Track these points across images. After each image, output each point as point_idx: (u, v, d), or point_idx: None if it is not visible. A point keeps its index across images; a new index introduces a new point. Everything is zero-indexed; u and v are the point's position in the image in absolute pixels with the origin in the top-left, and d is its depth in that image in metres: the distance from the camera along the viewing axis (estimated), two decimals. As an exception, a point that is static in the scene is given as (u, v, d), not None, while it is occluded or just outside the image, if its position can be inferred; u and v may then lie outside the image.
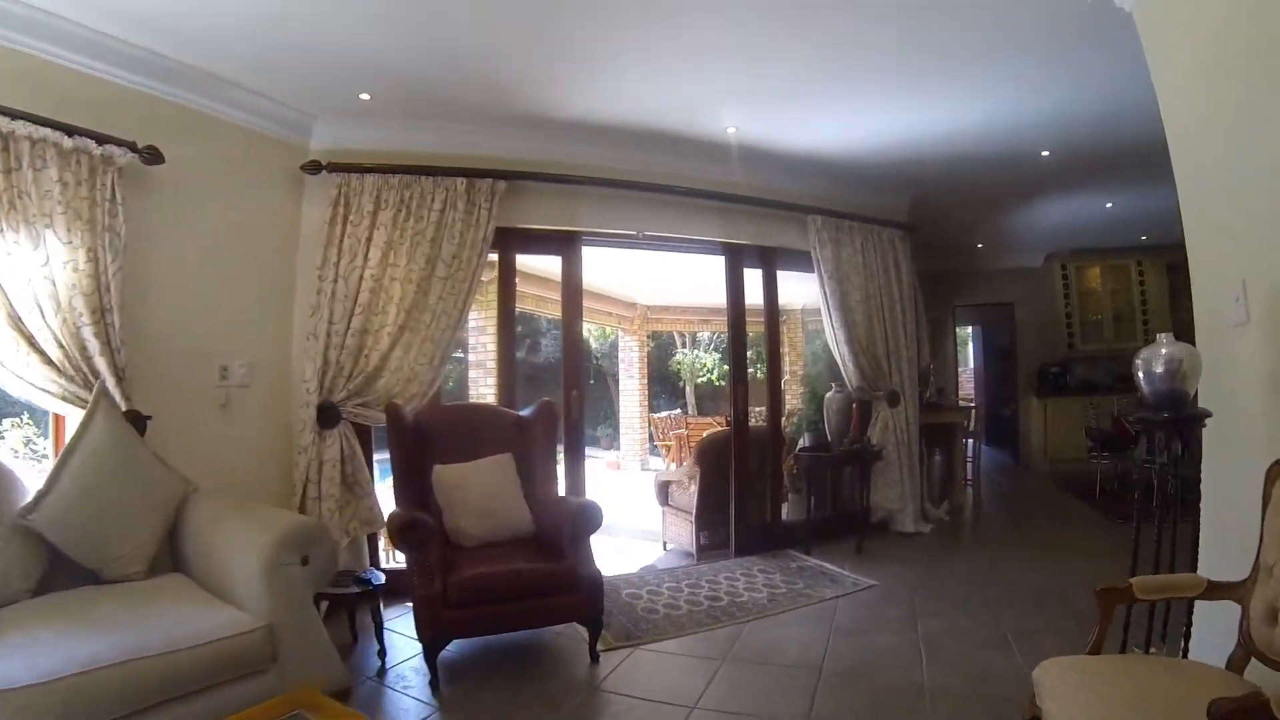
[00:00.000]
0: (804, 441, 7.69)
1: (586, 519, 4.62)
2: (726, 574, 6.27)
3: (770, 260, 7.32)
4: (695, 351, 17.84)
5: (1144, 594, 2.72)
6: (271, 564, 3.30)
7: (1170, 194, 3.97)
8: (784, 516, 7.59)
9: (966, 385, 16.59)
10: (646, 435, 15.00)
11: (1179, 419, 3.29)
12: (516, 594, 4.27)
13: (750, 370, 7.58)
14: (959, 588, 5.84)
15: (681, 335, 17.77)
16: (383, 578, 4.75)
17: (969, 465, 9.65)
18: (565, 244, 6.39)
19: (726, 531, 6.99)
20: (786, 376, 13.43)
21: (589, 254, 6.64)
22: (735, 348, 7.41)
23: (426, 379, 5.48)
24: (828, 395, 7.44)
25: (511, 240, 6.05)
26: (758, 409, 7.86)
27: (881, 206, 7.87)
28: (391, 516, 4.48)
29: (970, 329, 16.45)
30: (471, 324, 8.09)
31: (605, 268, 10.74)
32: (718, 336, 16.69)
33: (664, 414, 15.43)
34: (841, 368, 7.43)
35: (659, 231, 6.69)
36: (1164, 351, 3.24)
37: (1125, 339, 11.80)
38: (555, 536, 4.62)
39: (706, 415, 15.51)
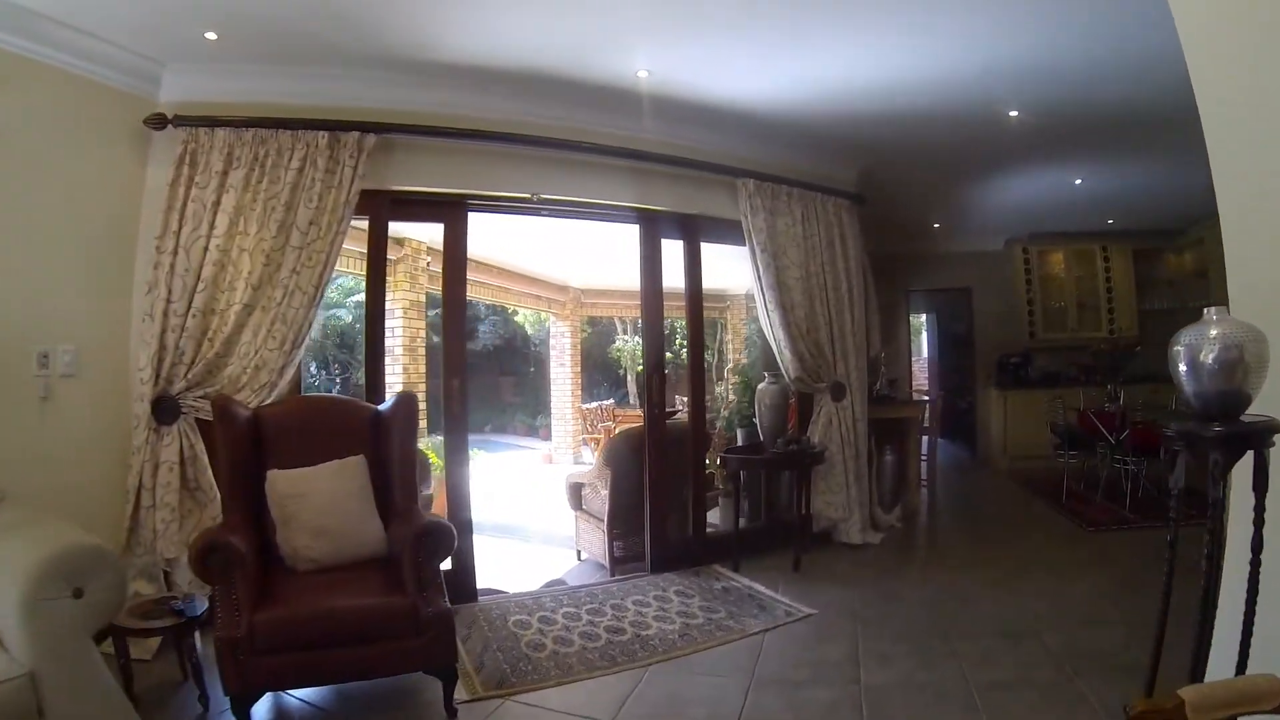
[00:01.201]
0: (740, 440, 6.72)
1: (432, 544, 3.72)
2: (637, 596, 5.41)
3: (693, 230, 6.38)
4: (636, 338, 16.79)
5: (1202, 714, 1.70)
6: (32, 598, 2.65)
7: (1148, 169, 3.09)
8: (711, 526, 6.83)
9: (920, 376, 15.99)
10: (580, 427, 14.20)
11: (1236, 433, 2.16)
12: (338, 639, 3.43)
13: (708, 357, 6.57)
14: (912, 618, 4.94)
15: (622, 321, 16.83)
16: (204, 605, 3.79)
17: (924, 464, 8.71)
18: (448, 210, 5.50)
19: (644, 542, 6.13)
20: (730, 364, 12.67)
21: (480, 223, 5.83)
22: (650, 332, 6.48)
23: (277, 366, 4.65)
24: (760, 387, 6.53)
25: (382, 204, 5.20)
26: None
27: (827, 174, 7.04)
28: (195, 538, 3.69)
29: (925, 316, 15.79)
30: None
31: (532, 247, 10.01)
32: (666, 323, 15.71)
33: (593, 405, 14.43)
34: (777, 355, 6.51)
35: (559, 195, 5.80)
36: (1216, 333, 2.13)
37: (1089, 328, 11.31)
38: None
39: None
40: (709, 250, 6.51)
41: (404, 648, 3.51)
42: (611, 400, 15.03)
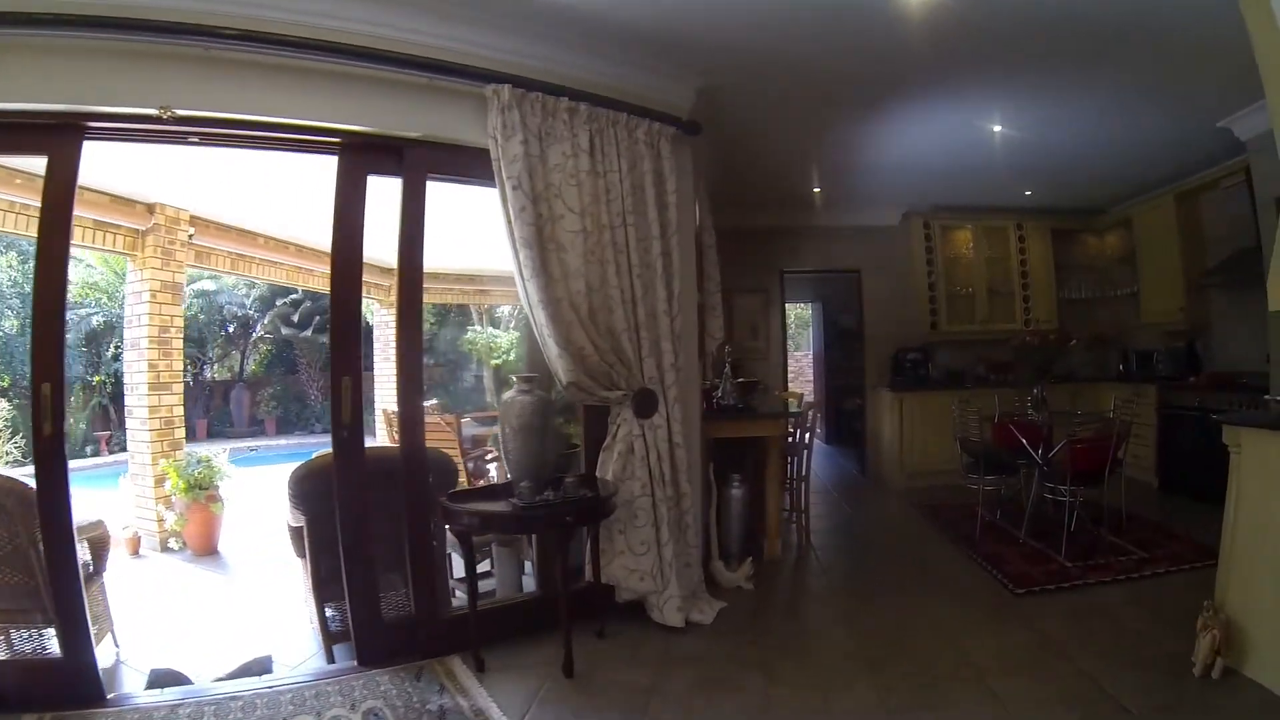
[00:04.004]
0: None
1: None
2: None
3: (417, 164, 4.31)
4: (491, 329, 14.83)
5: None
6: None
7: (1082, 113, 3.50)
8: (486, 591, 4.95)
9: (806, 376, 14.71)
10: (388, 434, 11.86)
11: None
12: None
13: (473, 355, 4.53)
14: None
15: (478, 309, 14.72)
16: None
17: (801, 488, 6.62)
18: (53, 136, 3.70)
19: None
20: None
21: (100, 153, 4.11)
22: (342, 313, 4.24)
23: None
24: (506, 398, 4.37)
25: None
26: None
27: (640, 90, 4.92)
28: None
29: (812, 306, 14.22)
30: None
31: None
32: (519, 312, 13.86)
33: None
34: (542, 349, 4.38)
35: (206, 110, 3.82)
36: None
37: (1002, 319, 9.67)
38: None
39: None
40: (461, 200, 4.83)
41: None
42: (435, 400, 12.69)
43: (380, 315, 12.00)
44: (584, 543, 4.63)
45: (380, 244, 4.75)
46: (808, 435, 6.46)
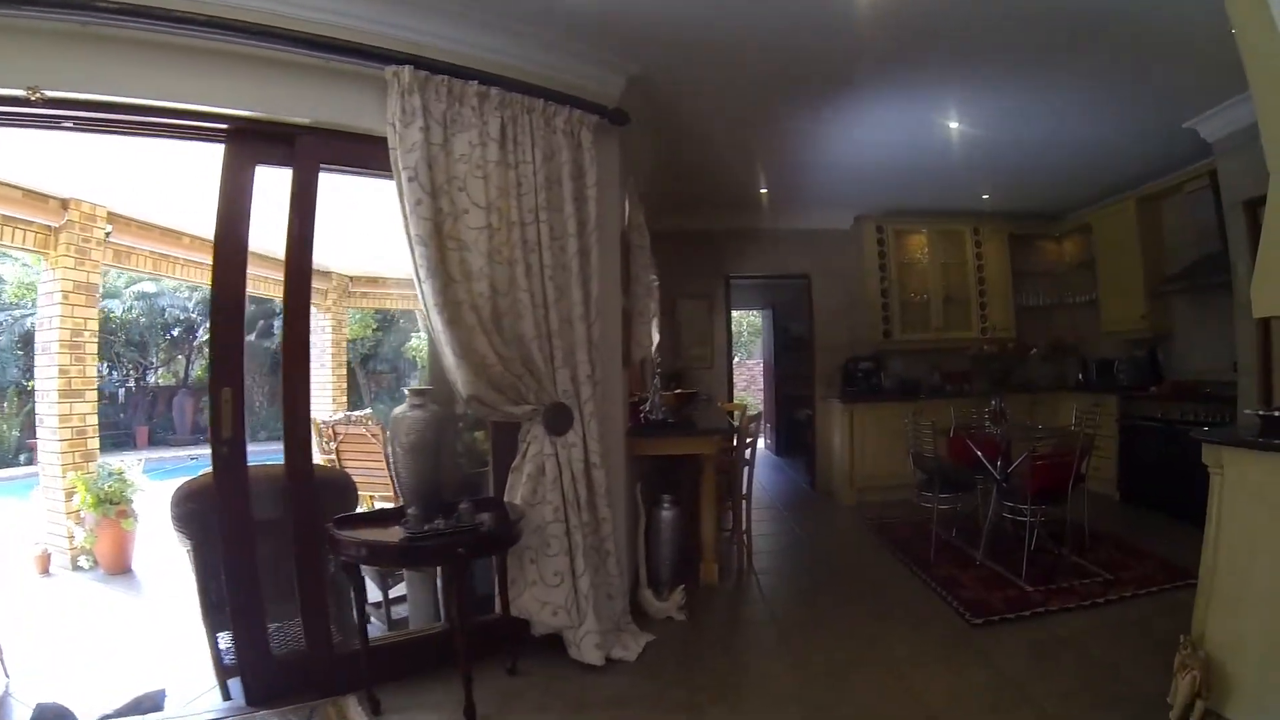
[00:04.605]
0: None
1: None
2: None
3: (309, 152, 3.82)
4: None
5: None
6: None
7: (1048, 109, 3.24)
8: (400, 618, 4.61)
9: (760, 385, 14.34)
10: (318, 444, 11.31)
11: None
12: None
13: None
14: None
15: (423, 315, 14.08)
16: None
17: (742, 506, 6.09)
18: None
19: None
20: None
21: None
22: (222, 316, 3.71)
23: None
24: (395, 414, 3.89)
25: None
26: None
27: (563, 74, 4.46)
28: None
29: (762, 313, 13.86)
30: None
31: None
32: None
33: (336, 417, 11.50)
34: (442, 357, 3.85)
35: (80, 91, 3.37)
36: None
37: (957, 327, 9.23)
38: None
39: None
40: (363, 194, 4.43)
41: None
42: (368, 411, 12.13)
43: (317, 321, 11.45)
44: (494, 570, 4.12)
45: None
46: (749, 451, 5.96)
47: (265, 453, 4.12)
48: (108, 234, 6.77)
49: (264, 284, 9.66)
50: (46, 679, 4.07)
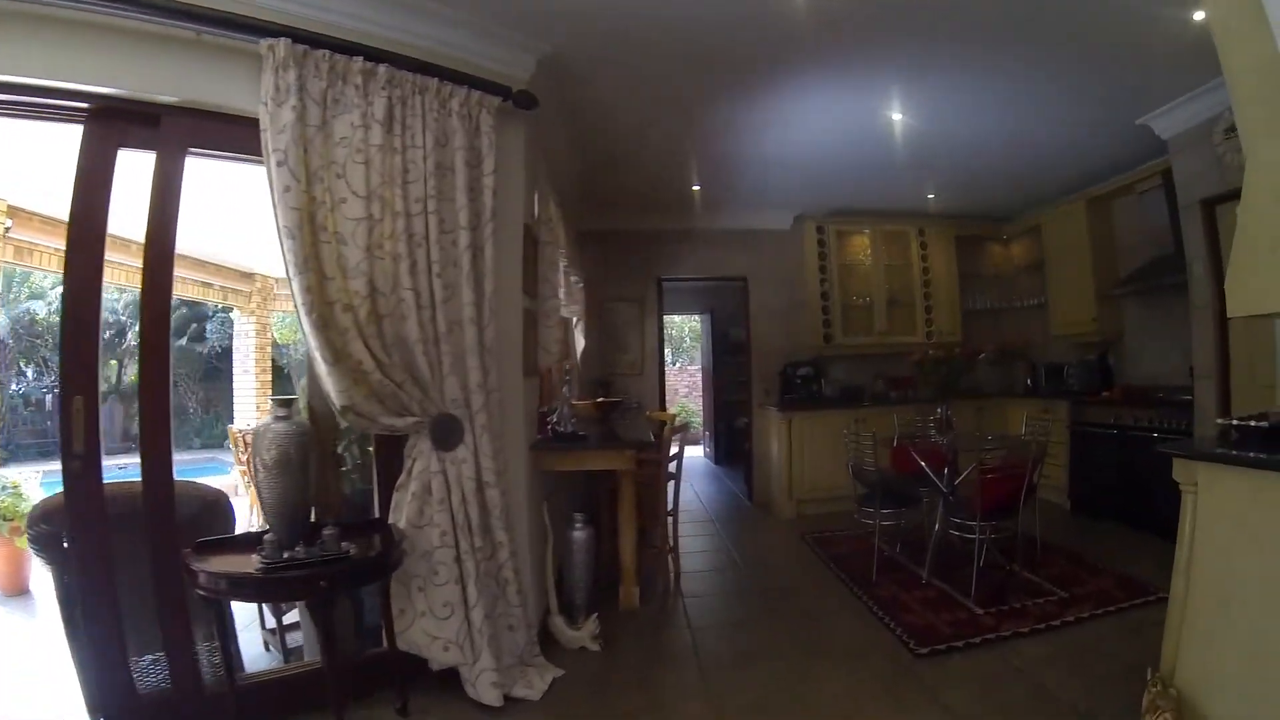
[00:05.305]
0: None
1: None
2: None
3: (175, 134, 3.38)
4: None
5: None
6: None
7: (999, 98, 4.01)
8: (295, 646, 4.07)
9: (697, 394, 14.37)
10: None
11: None
12: None
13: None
14: None
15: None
16: None
17: (668, 523, 5.65)
18: None
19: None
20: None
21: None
22: (74, 316, 3.22)
23: None
24: (258, 425, 3.36)
25: None
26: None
27: (463, 52, 4.03)
28: None
29: (701, 318, 13.50)
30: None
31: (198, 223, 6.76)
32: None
33: (250, 425, 11.04)
34: (313, 363, 3.39)
35: None
36: None
37: (902, 331, 8.88)
38: None
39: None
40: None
41: None
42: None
43: (241, 324, 11.17)
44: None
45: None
46: (676, 464, 5.51)
47: (198, 462, 3.59)
48: (7, 229, 6.17)
49: (192, 286, 9.11)
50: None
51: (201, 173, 3.50)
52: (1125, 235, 7.40)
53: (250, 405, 11.03)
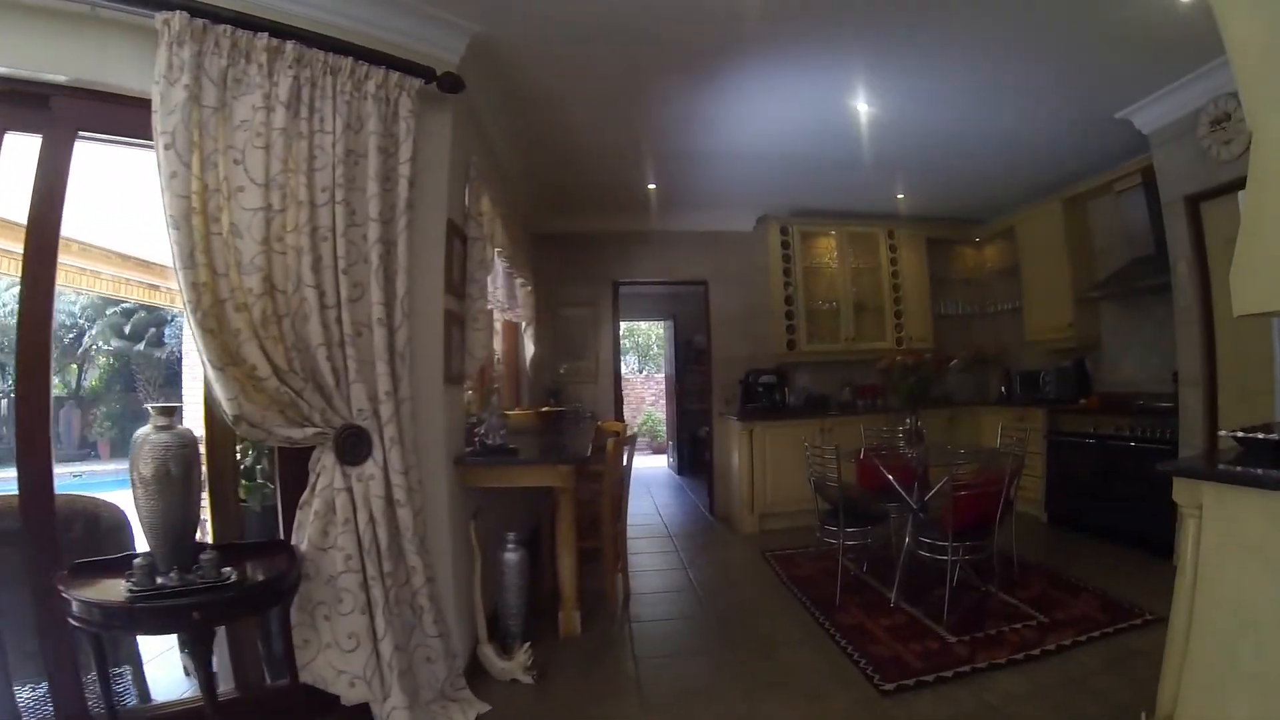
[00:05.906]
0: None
1: None
2: None
3: (63, 116, 3.10)
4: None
5: None
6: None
7: (964, 90, 3.99)
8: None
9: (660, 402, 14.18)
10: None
11: None
12: None
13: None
14: None
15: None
16: None
17: (617, 541, 5.22)
18: None
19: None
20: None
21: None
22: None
23: None
24: (137, 436, 2.87)
25: None
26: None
27: (383, 31, 3.70)
28: None
29: (664, 324, 13.20)
30: None
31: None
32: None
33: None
34: (203, 367, 2.98)
35: None
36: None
37: (870, 338, 8.49)
38: None
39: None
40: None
41: None
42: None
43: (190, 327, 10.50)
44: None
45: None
46: (626, 478, 5.11)
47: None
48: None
49: (138, 288, 8.62)
50: None
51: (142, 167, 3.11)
52: (1102, 237, 7.12)
53: (196, 410, 10.52)
